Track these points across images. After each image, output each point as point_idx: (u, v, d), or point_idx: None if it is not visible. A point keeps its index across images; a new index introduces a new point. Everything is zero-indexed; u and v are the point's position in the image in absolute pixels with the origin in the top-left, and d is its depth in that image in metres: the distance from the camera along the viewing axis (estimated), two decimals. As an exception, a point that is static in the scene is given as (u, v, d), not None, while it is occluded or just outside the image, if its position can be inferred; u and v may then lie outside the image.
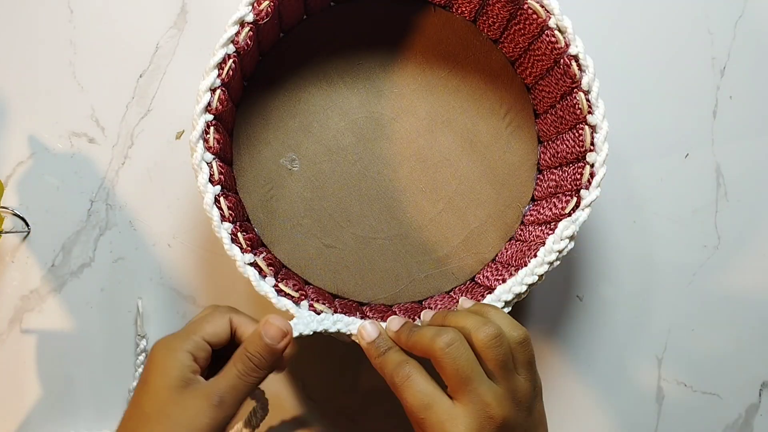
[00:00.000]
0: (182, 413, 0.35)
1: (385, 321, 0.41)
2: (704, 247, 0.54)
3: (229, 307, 0.41)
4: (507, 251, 0.47)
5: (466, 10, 0.47)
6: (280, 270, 0.45)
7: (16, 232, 0.51)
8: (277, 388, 0.52)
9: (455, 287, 0.47)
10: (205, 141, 0.41)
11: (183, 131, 0.52)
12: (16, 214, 0.50)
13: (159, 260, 0.51)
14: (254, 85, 0.47)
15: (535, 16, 0.42)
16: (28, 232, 0.51)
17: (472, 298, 0.44)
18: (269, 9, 0.41)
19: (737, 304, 0.53)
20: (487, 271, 0.47)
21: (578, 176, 0.43)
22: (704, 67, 0.54)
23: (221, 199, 0.41)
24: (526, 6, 0.42)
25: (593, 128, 0.42)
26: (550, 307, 0.53)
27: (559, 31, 0.42)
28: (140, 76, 0.52)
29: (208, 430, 0.36)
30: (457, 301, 0.45)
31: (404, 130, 0.48)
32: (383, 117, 0.48)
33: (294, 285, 0.43)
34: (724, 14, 0.54)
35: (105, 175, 0.51)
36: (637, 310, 0.53)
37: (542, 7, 0.42)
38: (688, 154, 0.53)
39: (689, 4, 0.54)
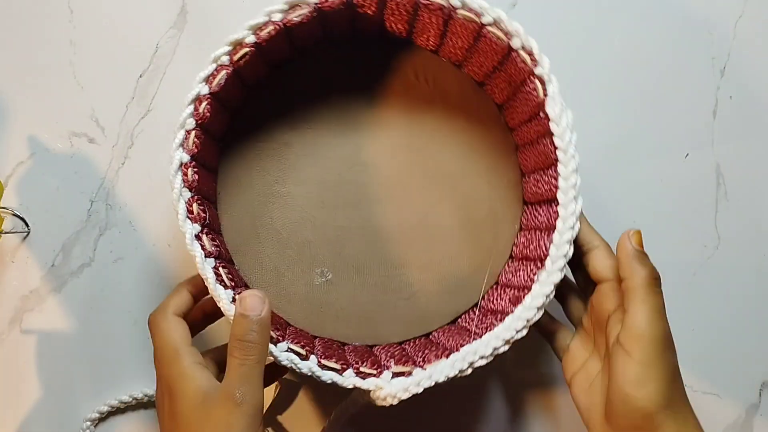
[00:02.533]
0: (216, 428, 0.36)
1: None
2: (704, 247, 0.53)
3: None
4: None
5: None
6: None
7: (16, 232, 0.51)
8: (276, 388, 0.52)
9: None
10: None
11: (183, 131, 0.52)
12: (16, 214, 0.51)
13: (159, 260, 0.51)
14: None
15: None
16: (28, 232, 0.51)
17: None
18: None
19: (737, 304, 0.53)
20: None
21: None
22: (704, 67, 0.54)
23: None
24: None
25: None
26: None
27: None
28: (140, 76, 0.52)
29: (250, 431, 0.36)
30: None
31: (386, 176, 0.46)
32: (368, 165, 0.46)
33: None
34: (724, 14, 0.54)
35: (105, 175, 0.51)
36: (637, 310, 0.53)
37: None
38: (688, 154, 0.53)
39: (689, 3, 0.54)
